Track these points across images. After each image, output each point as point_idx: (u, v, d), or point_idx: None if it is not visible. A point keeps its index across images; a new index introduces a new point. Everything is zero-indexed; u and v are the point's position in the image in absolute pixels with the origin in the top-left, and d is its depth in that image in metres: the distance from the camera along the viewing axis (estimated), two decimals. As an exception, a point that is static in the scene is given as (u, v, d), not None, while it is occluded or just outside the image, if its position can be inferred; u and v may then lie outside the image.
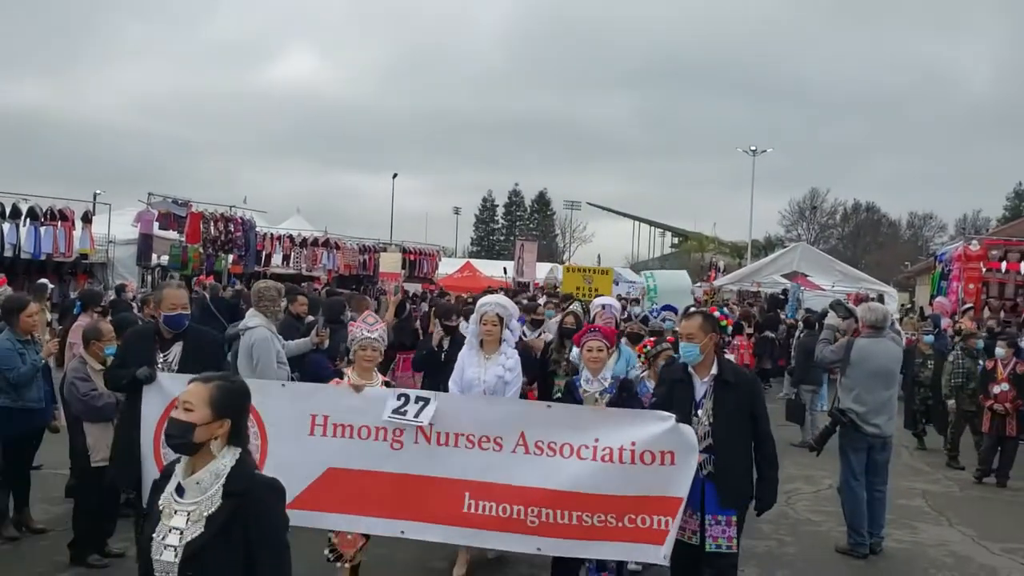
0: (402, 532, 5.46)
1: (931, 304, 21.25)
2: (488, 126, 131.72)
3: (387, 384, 5.93)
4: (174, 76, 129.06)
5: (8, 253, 17.71)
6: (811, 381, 12.89)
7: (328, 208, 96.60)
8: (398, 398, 5.50)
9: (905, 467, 11.32)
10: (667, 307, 12.07)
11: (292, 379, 7.64)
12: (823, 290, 23.90)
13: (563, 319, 8.83)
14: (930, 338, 13.37)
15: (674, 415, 5.21)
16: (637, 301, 20.65)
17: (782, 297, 24.10)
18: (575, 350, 6.69)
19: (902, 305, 29.72)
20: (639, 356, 7.82)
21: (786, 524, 8.51)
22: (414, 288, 25.24)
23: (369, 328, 5.88)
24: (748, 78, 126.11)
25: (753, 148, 54.83)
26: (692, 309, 11.94)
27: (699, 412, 5.32)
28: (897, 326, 18.07)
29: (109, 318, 8.56)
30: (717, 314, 6.09)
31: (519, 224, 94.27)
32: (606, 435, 5.25)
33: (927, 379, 12.76)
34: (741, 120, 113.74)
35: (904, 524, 8.63)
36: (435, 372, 7.89)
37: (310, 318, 9.70)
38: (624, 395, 5.78)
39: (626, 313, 15.00)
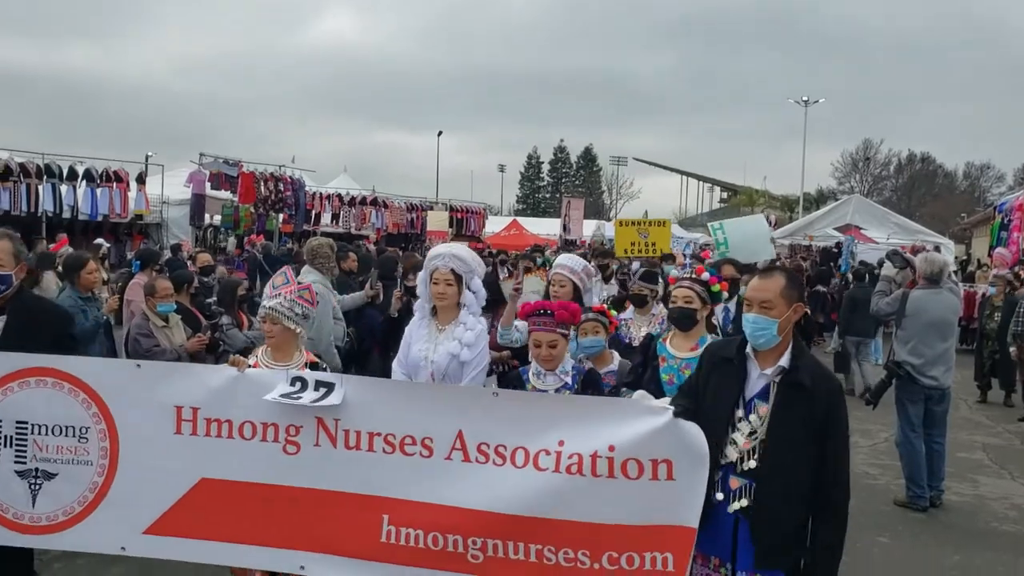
0: (302, 568, 4.04)
1: (990, 255, 20.77)
2: (532, 82, 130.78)
3: (312, 367, 4.52)
4: (216, 38, 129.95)
5: (66, 215, 18.05)
6: (856, 332, 12.88)
7: (374, 167, 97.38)
8: (292, 382, 4.09)
9: (964, 420, 11.15)
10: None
11: (348, 335, 7.74)
12: (877, 243, 23.47)
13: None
14: (992, 290, 13.09)
15: (671, 407, 3.69)
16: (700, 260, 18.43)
17: (835, 251, 23.69)
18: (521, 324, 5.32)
19: (957, 257, 29.07)
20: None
21: (843, 477, 8.42)
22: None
23: (272, 293, 4.53)
24: (796, 27, 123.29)
25: (805, 99, 53.68)
26: (761, 265, 11.55)
27: (748, 417, 3.64)
28: (954, 277, 17.84)
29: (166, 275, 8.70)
30: (706, 276, 4.78)
31: (565, 181, 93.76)
32: (574, 435, 3.75)
33: (992, 331, 12.53)
34: (791, 71, 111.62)
35: (965, 477, 8.51)
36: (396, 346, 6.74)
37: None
38: (590, 391, 4.53)
39: (624, 271, 13.11)
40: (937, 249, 21.98)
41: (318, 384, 4.09)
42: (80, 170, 18.45)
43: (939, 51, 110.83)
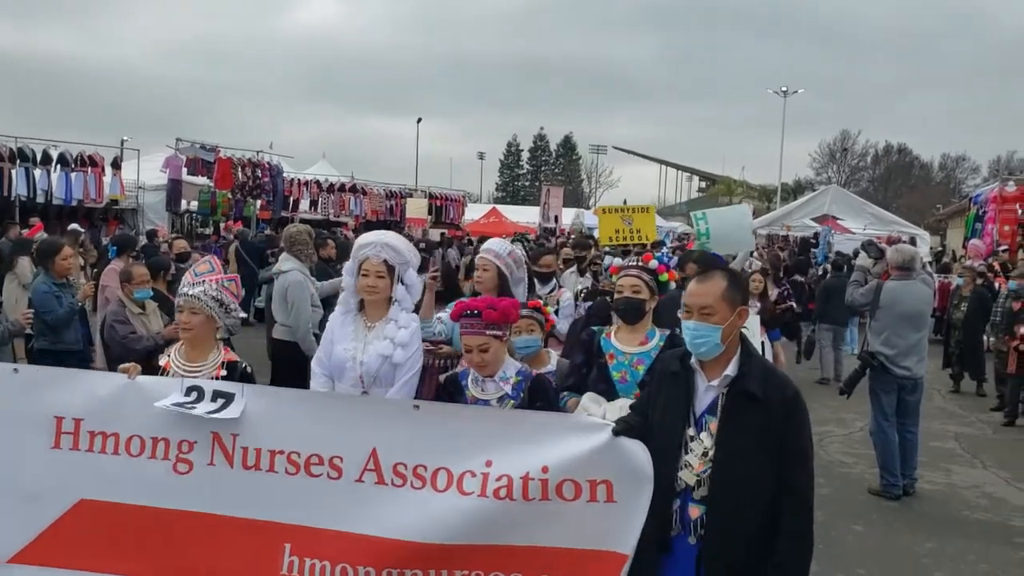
0: None
1: (964, 247, 21.00)
2: (512, 69, 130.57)
3: (231, 367, 4.00)
4: (195, 21, 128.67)
5: (40, 199, 17.85)
6: (832, 321, 13.10)
7: (353, 153, 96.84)
8: (187, 392, 3.64)
9: (938, 410, 11.27)
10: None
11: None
12: (854, 233, 23.67)
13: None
14: (960, 280, 13.26)
15: (611, 422, 3.41)
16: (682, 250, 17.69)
17: (813, 241, 23.87)
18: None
19: (932, 248, 29.37)
20: None
21: (818, 466, 8.36)
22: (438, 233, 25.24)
23: (193, 280, 4.03)
24: (777, 17, 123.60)
25: (784, 89, 53.86)
26: (742, 257, 11.46)
27: (699, 435, 3.28)
28: (928, 268, 18.02)
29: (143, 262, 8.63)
30: (654, 264, 4.45)
31: (544, 169, 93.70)
32: (503, 454, 3.39)
33: (959, 321, 12.69)
34: (770, 61, 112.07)
35: (937, 466, 8.61)
36: None
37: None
38: (539, 403, 3.95)
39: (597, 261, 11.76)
40: (912, 241, 22.24)
41: (216, 394, 3.64)
42: (54, 154, 18.26)
43: (918, 42, 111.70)
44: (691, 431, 3.29)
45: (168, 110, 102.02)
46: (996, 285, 14.25)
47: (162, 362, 4.02)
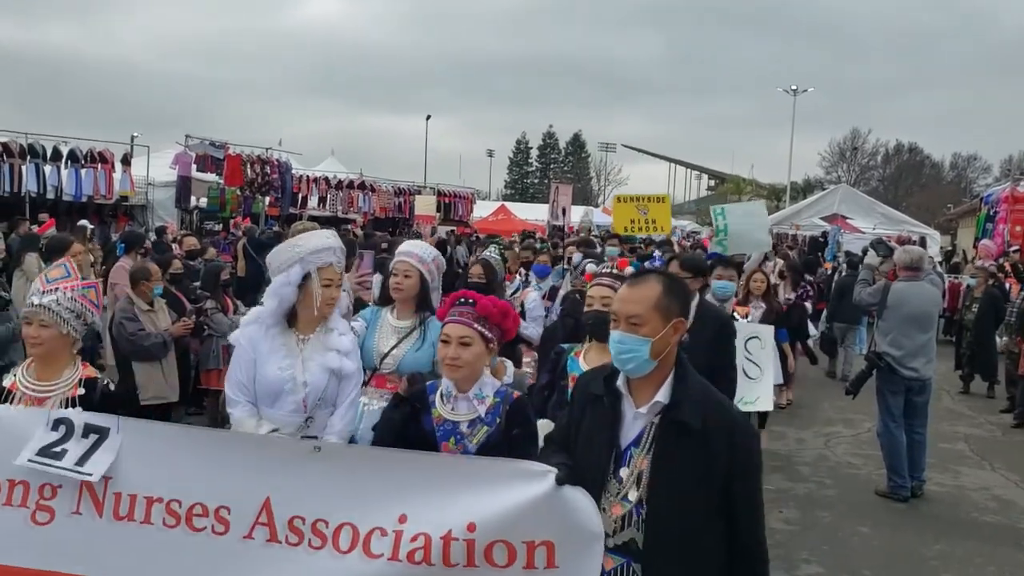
0: None
1: (975, 247, 20.89)
2: (521, 66, 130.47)
3: (89, 385, 3.46)
4: (203, 17, 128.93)
5: (50, 195, 17.90)
6: (844, 319, 13.06)
7: (362, 150, 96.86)
8: (54, 425, 3.11)
9: (947, 411, 11.22)
10: (712, 255, 9.49)
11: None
12: (863, 233, 23.57)
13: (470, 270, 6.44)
14: (973, 280, 13.16)
15: (553, 468, 2.82)
16: (699, 248, 16.64)
17: (822, 240, 23.79)
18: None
19: (942, 248, 29.25)
20: None
21: (826, 467, 8.51)
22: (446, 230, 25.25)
23: (45, 287, 3.47)
24: (787, 15, 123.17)
25: (794, 87, 53.69)
26: (757, 256, 11.30)
27: (620, 471, 2.78)
28: (939, 268, 17.94)
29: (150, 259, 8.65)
30: (630, 271, 3.81)
31: (553, 166, 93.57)
32: (421, 508, 2.87)
33: (970, 322, 12.64)
34: (780, 59, 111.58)
35: (946, 468, 8.57)
36: None
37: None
38: (516, 431, 3.34)
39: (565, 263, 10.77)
40: (923, 241, 22.17)
41: (87, 429, 3.10)
42: (64, 150, 18.29)
43: (928, 41, 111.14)
44: (617, 465, 2.78)
45: (178, 107, 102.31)
46: (1007, 286, 14.21)
47: (7, 383, 3.45)
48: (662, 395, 2.75)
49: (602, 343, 3.61)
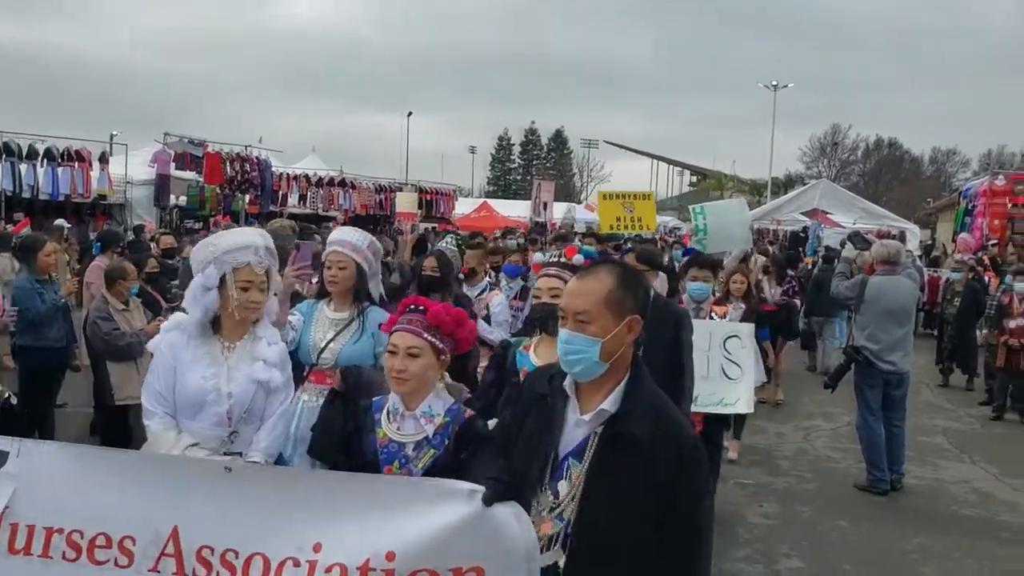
0: None
1: (954, 240, 21.04)
2: (502, 63, 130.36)
3: None
4: (184, 15, 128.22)
5: (26, 194, 17.74)
6: (821, 312, 13.09)
7: (343, 147, 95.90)
8: None
9: (926, 404, 11.28)
10: (690, 251, 9.34)
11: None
12: (843, 228, 23.68)
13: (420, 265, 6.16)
14: (956, 274, 13.22)
15: (482, 487, 2.55)
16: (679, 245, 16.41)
17: (802, 235, 23.89)
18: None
19: (922, 242, 29.45)
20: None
21: (805, 460, 8.53)
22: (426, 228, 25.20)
23: None
24: (766, 12, 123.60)
25: (774, 83, 53.93)
26: (737, 253, 10.93)
27: (555, 485, 2.49)
28: (919, 262, 18.06)
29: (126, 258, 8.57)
30: (580, 259, 3.61)
31: (536, 163, 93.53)
32: (337, 534, 2.63)
33: (951, 316, 12.72)
34: (760, 55, 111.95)
35: (925, 461, 8.62)
36: None
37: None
38: (464, 455, 2.96)
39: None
40: (902, 235, 22.31)
41: None
42: (40, 149, 18.13)
43: (909, 38, 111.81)
44: (551, 475, 2.50)
45: (157, 104, 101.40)
46: (987, 279, 14.31)
47: None
48: (609, 403, 2.44)
49: (553, 335, 3.24)
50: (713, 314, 6.98)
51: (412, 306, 3.18)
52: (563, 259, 3.92)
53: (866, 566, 6.06)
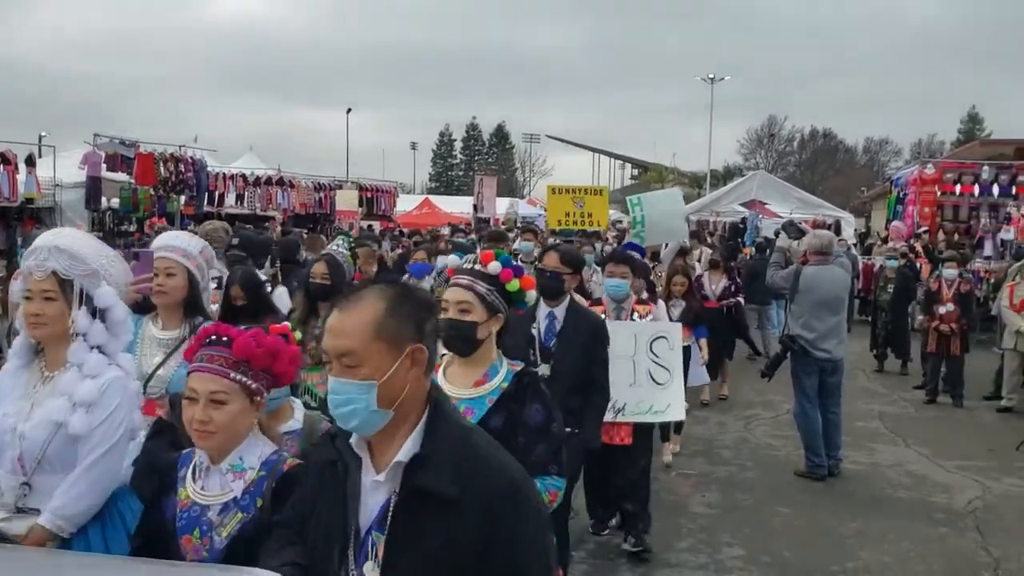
0: None
1: (886, 228, 21.50)
2: (442, 58, 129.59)
3: None
4: (113, 11, 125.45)
5: (-51, 199, 17.15)
6: (756, 301, 13.09)
7: (282, 145, 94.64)
8: None
9: (862, 390, 11.51)
10: (630, 245, 8.61)
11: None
12: (781, 217, 24.00)
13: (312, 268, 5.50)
14: (893, 262, 13.49)
15: (276, 574, 2.06)
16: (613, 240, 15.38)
17: (741, 226, 24.20)
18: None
19: (856, 230, 30.05)
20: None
21: (746, 449, 8.63)
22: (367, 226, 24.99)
23: None
24: (701, 5, 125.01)
25: (711, 76, 54.62)
26: (673, 246, 10.83)
27: (362, 566, 2.00)
28: (853, 251, 18.41)
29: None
30: (496, 267, 3.09)
31: (478, 159, 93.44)
32: None
33: (885, 303, 12.98)
34: (696, 48, 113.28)
35: (862, 446, 8.78)
36: None
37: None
38: (278, 519, 2.36)
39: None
40: (837, 224, 22.73)
41: None
42: (-37, 152, 17.53)
43: (842, 29, 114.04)
44: (350, 555, 2.01)
45: (86, 105, 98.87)
46: (918, 265, 14.66)
47: None
48: (403, 452, 1.99)
49: (462, 356, 3.11)
50: (635, 314, 6.18)
51: (212, 336, 2.58)
52: (478, 266, 3.20)
53: (806, 552, 6.15)
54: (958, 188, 18.93)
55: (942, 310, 10.80)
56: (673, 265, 9.15)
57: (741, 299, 11.29)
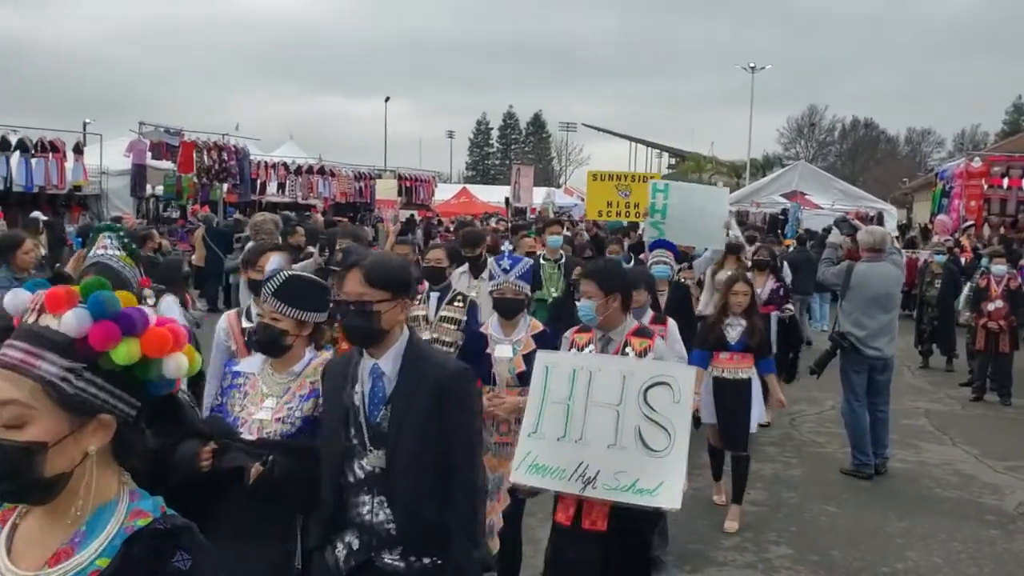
0: None
1: (931, 222, 21.20)
2: (480, 47, 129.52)
3: None
4: (157, 3, 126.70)
5: (-1, 186, 17.49)
6: (798, 292, 12.77)
7: (320, 134, 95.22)
8: None
9: (908, 387, 11.38)
10: (660, 243, 7.98)
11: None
12: (822, 209, 23.79)
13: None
14: (941, 257, 13.30)
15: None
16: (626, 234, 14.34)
17: (782, 217, 23.98)
18: None
19: (899, 222, 29.65)
20: None
21: (791, 446, 8.58)
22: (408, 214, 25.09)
23: None
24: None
25: (752, 65, 54.02)
26: (711, 254, 9.14)
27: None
28: (896, 243, 18.17)
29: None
30: (73, 324, 1.51)
31: (514, 147, 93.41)
32: None
33: (932, 298, 12.81)
34: (737, 37, 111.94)
35: (908, 444, 8.69)
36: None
37: (309, 248, 9.62)
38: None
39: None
40: (880, 216, 22.42)
41: None
42: (13, 140, 17.85)
43: (884, 18, 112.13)
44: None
45: (130, 93, 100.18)
46: (963, 260, 14.46)
47: None
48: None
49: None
50: (629, 347, 4.32)
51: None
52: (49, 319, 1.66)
53: (853, 551, 6.10)
54: (1006, 181, 18.66)
55: (990, 307, 10.64)
56: (733, 272, 7.70)
57: (792, 308, 10.02)
